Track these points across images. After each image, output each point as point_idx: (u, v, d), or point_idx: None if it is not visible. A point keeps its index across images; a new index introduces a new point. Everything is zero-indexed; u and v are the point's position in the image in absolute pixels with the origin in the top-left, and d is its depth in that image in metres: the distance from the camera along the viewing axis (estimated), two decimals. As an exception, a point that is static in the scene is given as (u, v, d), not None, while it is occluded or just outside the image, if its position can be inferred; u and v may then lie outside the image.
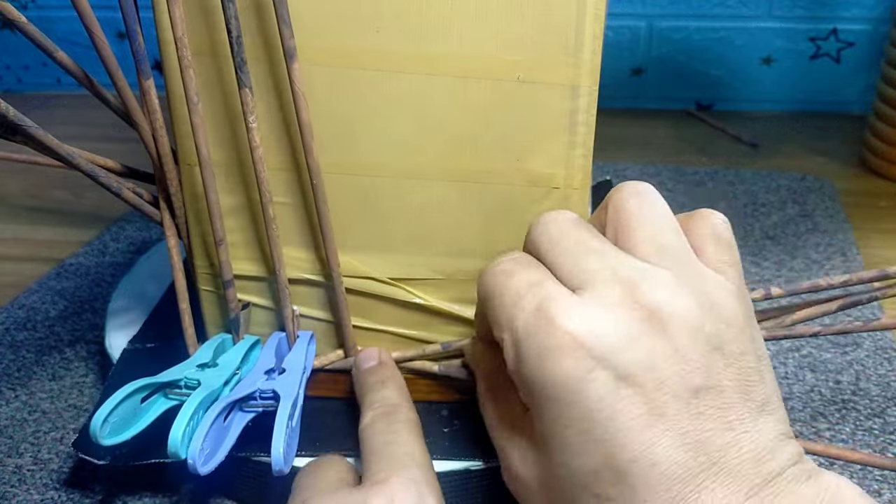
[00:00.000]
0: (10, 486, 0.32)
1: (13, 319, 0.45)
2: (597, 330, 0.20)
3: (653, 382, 0.20)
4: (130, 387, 0.27)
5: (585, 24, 0.26)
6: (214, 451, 0.27)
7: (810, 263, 0.49)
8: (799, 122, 0.75)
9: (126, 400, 0.27)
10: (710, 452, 0.19)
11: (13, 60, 0.88)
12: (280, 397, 0.28)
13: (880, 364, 0.39)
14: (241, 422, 0.28)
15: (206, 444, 0.26)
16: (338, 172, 0.29)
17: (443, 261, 0.31)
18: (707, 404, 0.20)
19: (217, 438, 0.27)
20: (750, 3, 0.74)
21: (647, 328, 0.20)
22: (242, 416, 0.28)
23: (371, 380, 0.30)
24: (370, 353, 0.32)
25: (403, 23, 0.26)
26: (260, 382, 0.29)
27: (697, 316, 0.20)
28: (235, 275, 0.31)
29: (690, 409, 0.20)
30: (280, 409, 0.27)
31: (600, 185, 0.52)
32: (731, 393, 0.20)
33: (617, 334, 0.20)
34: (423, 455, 0.26)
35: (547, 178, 0.29)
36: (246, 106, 0.27)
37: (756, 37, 0.75)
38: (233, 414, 0.28)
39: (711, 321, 0.21)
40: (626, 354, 0.20)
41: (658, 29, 0.76)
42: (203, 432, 0.26)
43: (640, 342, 0.20)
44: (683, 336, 0.20)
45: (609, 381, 0.20)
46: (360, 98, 0.28)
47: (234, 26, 0.25)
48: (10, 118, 0.25)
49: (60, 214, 0.59)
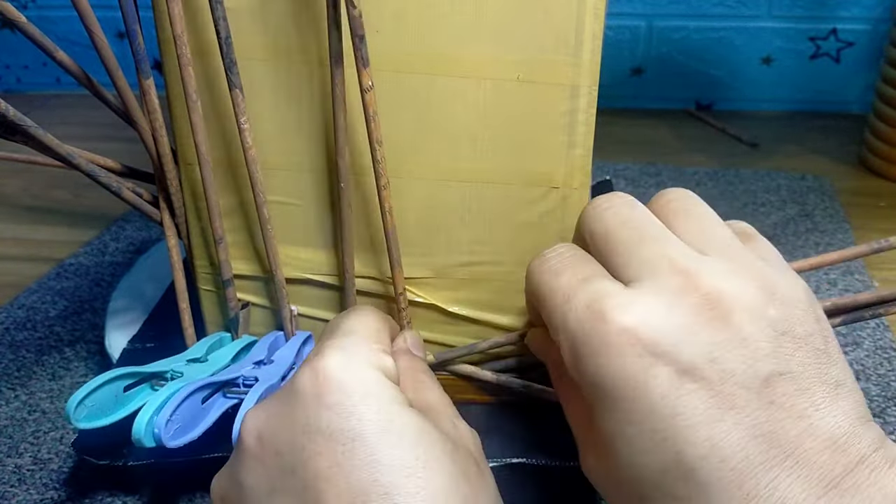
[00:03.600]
0: (9, 486, 0.32)
1: (13, 319, 0.45)
2: (654, 323, 0.19)
3: (718, 374, 0.19)
4: (111, 373, 0.27)
5: (585, 24, 0.26)
6: (188, 429, 0.26)
7: (810, 263, 0.49)
8: (799, 122, 0.75)
9: (106, 386, 0.27)
10: (784, 444, 0.18)
11: (13, 60, 0.88)
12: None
13: (880, 364, 0.39)
14: (221, 407, 0.28)
15: (176, 417, 0.25)
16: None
17: (443, 260, 0.31)
18: (778, 392, 0.19)
19: (193, 417, 0.27)
20: (749, 3, 0.74)
21: (709, 318, 0.19)
22: (224, 401, 0.28)
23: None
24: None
25: (403, 23, 0.26)
26: (245, 370, 0.29)
27: (761, 301, 0.20)
28: (235, 274, 0.31)
29: (761, 399, 0.19)
30: (252, 391, 0.27)
31: (600, 185, 0.52)
32: (802, 378, 0.19)
33: (676, 326, 0.19)
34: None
35: (546, 177, 0.29)
36: (238, 107, 0.27)
37: (756, 37, 0.75)
38: (214, 398, 0.28)
39: (775, 305, 0.20)
40: (687, 347, 0.19)
41: (658, 29, 0.76)
42: (173, 405, 0.25)
43: (701, 333, 0.19)
44: (748, 323, 0.19)
45: (671, 376, 0.19)
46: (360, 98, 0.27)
47: (223, 27, 0.25)
48: (10, 118, 0.25)
49: (60, 214, 0.59)
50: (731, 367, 0.19)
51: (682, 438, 0.19)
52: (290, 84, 0.28)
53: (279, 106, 0.28)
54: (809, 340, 0.20)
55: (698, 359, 0.19)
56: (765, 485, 0.18)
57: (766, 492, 0.18)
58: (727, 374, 0.19)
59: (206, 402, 0.28)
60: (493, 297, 0.31)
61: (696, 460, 0.18)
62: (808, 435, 0.18)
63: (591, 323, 0.20)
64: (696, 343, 0.19)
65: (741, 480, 0.18)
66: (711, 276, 0.20)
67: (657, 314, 0.20)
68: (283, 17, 0.27)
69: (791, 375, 0.19)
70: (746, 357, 0.19)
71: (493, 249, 0.30)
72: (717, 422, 0.19)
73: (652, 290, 0.20)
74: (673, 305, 0.20)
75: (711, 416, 0.19)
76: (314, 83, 0.28)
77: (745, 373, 0.19)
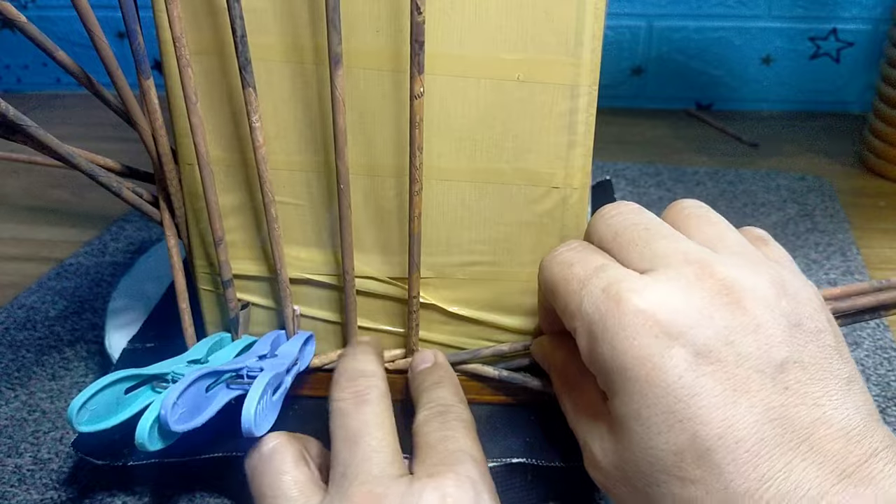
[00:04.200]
0: (9, 486, 0.32)
1: (13, 319, 0.45)
2: (670, 305, 0.20)
3: (733, 357, 0.19)
4: (113, 376, 0.27)
5: (585, 24, 0.26)
6: (193, 416, 0.26)
7: (810, 263, 0.49)
8: (799, 122, 0.75)
9: (107, 389, 0.27)
10: (798, 430, 0.18)
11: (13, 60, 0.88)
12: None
13: (880, 364, 0.39)
14: (225, 397, 0.28)
15: (181, 401, 0.25)
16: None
17: (443, 260, 0.31)
18: (792, 379, 0.19)
19: (197, 405, 0.27)
20: (749, 3, 0.74)
21: (724, 302, 0.20)
22: (227, 392, 0.28)
23: (426, 381, 0.29)
24: (425, 355, 0.31)
25: (403, 23, 0.26)
26: (250, 362, 0.29)
27: (773, 292, 0.20)
28: (237, 274, 0.31)
29: (776, 384, 0.19)
30: (261, 376, 0.27)
31: (600, 185, 0.52)
32: (815, 369, 0.19)
33: (691, 309, 0.20)
34: (479, 452, 0.25)
35: (547, 177, 0.29)
36: (250, 105, 0.27)
37: (756, 36, 0.75)
38: (218, 388, 0.28)
39: (787, 299, 0.20)
40: (704, 329, 0.19)
41: (658, 29, 0.76)
42: (180, 388, 0.25)
43: (716, 317, 0.20)
44: (761, 310, 0.20)
45: (688, 357, 0.19)
46: (360, 98, 0.28)
47: (239, 25, 0.25)
48: (10, 118, 0.25)
49: (60, 214, 0.59)
50: (747, 351, 0.19)
51: (699, 419, 0.19)
52: (290, 84, 0.28)
53: (279, 106, 0.28)
54: (821, 336, 0.20)
55: (714, 341, 0.19)
56: (780, 468, 0.18)
57: (781, 475, 0.18)
58: (742, 357, 0.19)
59: (209, 392, 0.27)
60: (494, 297, 0.31)
61: (712, 440, 0.19)
62: (822, 423, 0.19)
63: (608, 305, 0.21)
64: (712, 326, 0.19)
65: (756, 462, 0.18)
66: (725, 265, 0.21)
67: (674, 297, 0.20)
68: (284, 17, 0.27)
69: (804, 364, 0.19)
70: (761, 342, 0.19)
71: (493, 249, 0.30)
72: (732, 404, 0.19)
73: (668, 276, 0.21)
74: (689, 290, 0.20)
75: (727, 397, 0.19)
76: (315, 84, 0.28)
77: (760, 357, 0.19)
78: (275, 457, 0.26)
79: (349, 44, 0.26)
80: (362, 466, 0.23)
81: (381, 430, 0.25)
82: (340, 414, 0.26)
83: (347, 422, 0.25)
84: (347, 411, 0.26)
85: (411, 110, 0.26)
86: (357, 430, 0.25)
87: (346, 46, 0.26)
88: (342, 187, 0.28)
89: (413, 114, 0.26)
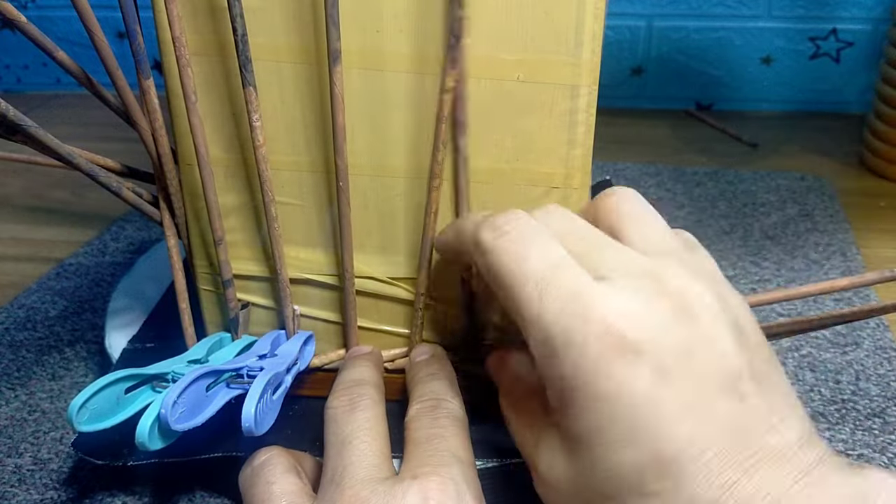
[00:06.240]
0: (9, 486, 0.32)
1: (13, 319, 0.45)
2: (633, 321, 0.20)
3: (693, 370, 0.19)
4: (112, 376, 0.27)
5: (585, 24, 0.26)
6: (193, 415, 0.26)
7: (810, 263, 0.49)
8: (798, 122, 0.75)
9: (107, 388, 0.27)
10: (756, 438, 0.19)
11: (13, 60, 0.88)
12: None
13: (880, 364, 0.39)
14: (225, 396, 0.28)
15: (182, 400, 0.25)
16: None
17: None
18: (746, 390, 0.20)
19: (198, 404, 0.27)
20: (749, 3, 0.74)
21: (679, 317, 0.20)
22: (227, 391, 0.28)
23: (422, 372, 0.30)
24: (424, 347, 0.32)
25: (403, 23, 0.26)
26: (250, 361, 0.29)
27: (715, 300, 0.21)
28: (237, 274, 0.31)
29: (732, 395, 0.19)
30: (260, 375, 0.27)
31: (600, 185, 0.52)
32: (763, 379, 0.20)
33: (654, 324, 0.20)
34: (467, 452, 0.25)
35: (546, 177, 0.29)
36: (250, 104, 0.27)
37: (755, 36, 0.75)
38: (219, 387, 0.28)
39: (726, 307, 0.21)
40: (665, 344, 0.19)
41: (657, 29, 0.76)
42: (180, 388, 0.25)
43: (675, 331, 0.20)
44: (711, 321, 0.20)
45: (652, 372, 0.19)
46: (360, 98, 0.28)
47: (240, 24, 0.25)
48: (10, 118, 0.25)
49: (60, 214, 0.59)
50: (704, 365, 0.20)
51: (662, 433, 0.19)
52: (290, 83, 0.28)
53: (279, 106, 0.28)
54: (761, 349, 0.21)
55: (675, 355, 0.20)
56: (741, 475, 0.19)
57: (743, 479, 0.18)
58: (700, 370, 0.20)
59: (209, 391, 0.27)
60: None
61: (674, 454, 0.19)
62: (777, 430, 0.19)
63: (573, 316, 0.20)
64: (672, 340, 0.20)
65: (720, 470, 0.19)
66: (677, 277, 0.21)
67: (638, 311, 0.20)
68: (285, 17, 0.27)
69: (753, 375, 0.20)
70: (716, 354, 0.20)
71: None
72: (694, 416, 0.19)
73: (627, 289, 0.21)
74: (649, 304, 0.20)
75: (689, 410, 0.19)
76: (315, 82, 0.28)
77: (717, 370, 0.20)
78: (265, 468, 0.26)
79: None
80: (349, 470, 0.24)
81: (369, 435, 0.25)
82: (333, 421, 0.26)
83: (338, 428, 0.26)
84: (339, 418, 0.26)
85: (440, 105, 0.26)
86: (347, 436, 0.25)
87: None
88: (341, 185, 0.28)
89: (441, 109, 0.26)
